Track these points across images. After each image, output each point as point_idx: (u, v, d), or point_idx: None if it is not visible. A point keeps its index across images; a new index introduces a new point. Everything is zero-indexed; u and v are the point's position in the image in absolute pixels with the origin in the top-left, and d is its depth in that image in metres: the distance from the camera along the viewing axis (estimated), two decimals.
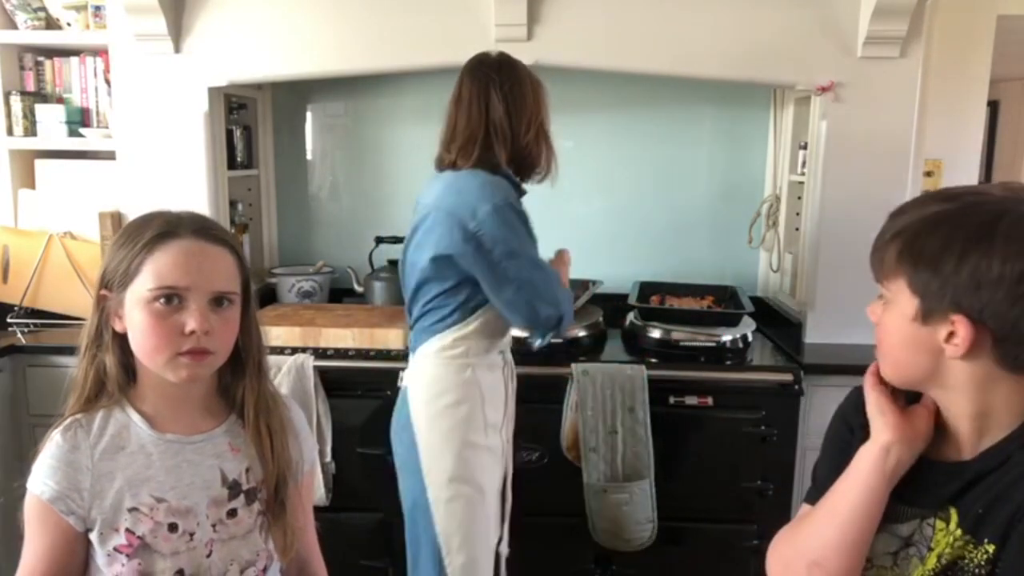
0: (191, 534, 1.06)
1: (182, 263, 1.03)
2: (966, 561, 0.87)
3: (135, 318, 1.03)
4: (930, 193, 0.91)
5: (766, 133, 2.81)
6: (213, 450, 1.10)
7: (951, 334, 0.84)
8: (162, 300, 1.02)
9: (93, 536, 1.03)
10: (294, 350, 2.21)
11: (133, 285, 1.03)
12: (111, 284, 1.05)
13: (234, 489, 1.10)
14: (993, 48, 2.68)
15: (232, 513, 1.10)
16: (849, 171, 2.35)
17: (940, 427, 0.93)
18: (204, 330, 1.02)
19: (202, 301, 1.03)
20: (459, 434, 1.69)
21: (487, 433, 1.73)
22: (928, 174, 2.71)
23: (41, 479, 1.02)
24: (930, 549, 0.90)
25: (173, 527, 1.05)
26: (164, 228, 1.04)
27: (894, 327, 0.90)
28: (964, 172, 2.80)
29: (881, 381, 0.94)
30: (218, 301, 1.06)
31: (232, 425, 1.13)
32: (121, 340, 1.06)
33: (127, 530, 1.03)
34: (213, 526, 1.08)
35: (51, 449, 1.04)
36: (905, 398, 0.94)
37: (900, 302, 0.88)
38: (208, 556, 1.07)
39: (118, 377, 1.07)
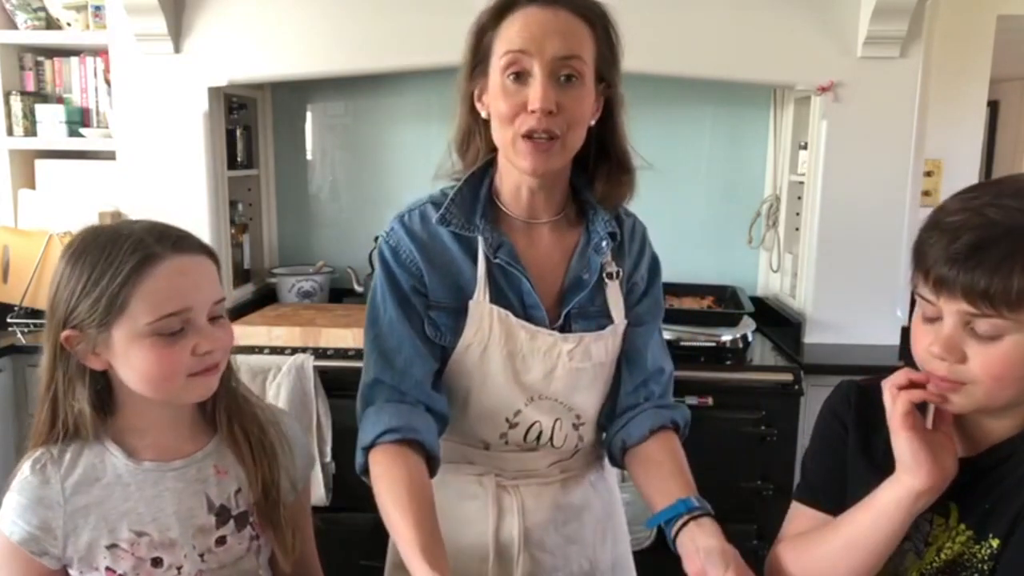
0: (178, 567, 1.00)
1: (177, 285, 0.95)
2: (968, 556, 0.87)
3: (134, 354, 0.95)
4: (1003, 188, 0.82)
5: (766, 133, 2.80)
6: (196, 475, 1.02)
7: None
8: (164, 330, 0.94)
9: (72, 572, 0.98)
10: (294, 350, 2.21)
11: (121, 322, 0.93)
12: (82, 324, 0.94)
13: (222, 515, 1.03)
14: (993, 48, 2.68)
15: (221, 541, 1.03)
16: (849, 171, 2.35)
17: None
18: (212, 347, 0.97)
19: (203, 318, 0.97)
20: None
21: None
22: (928, 174, 2.71)
23: (11, 518, 0.96)
24: (927, 544, 0.90)
25: (157, 562, 0.99)
26: (141, 253, 0.94)
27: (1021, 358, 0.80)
28: (964, 172, 2.80)
29: (911, 414, 0.86)
30: (213, 313, 1.00)
31: (218, 445, 1.05)
32: (94, 377, 0.98)
33: (107, 568, 0.97)
34: (201, 556, 1.01)
35: (19, 484, 0.97)
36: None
37: None
38: None
39: (92, 419, 0.98)
